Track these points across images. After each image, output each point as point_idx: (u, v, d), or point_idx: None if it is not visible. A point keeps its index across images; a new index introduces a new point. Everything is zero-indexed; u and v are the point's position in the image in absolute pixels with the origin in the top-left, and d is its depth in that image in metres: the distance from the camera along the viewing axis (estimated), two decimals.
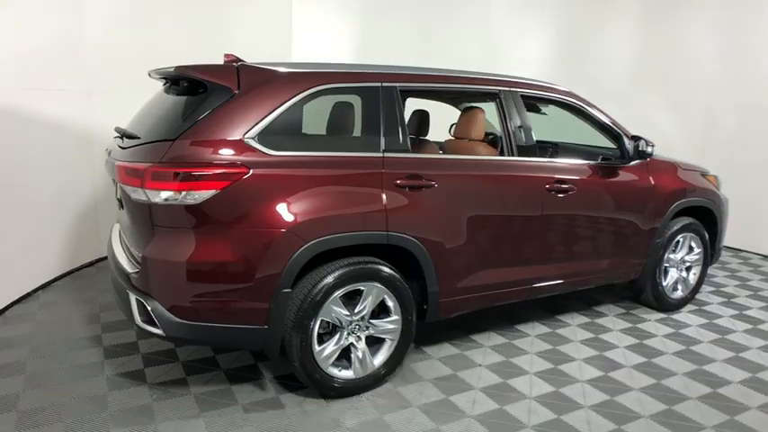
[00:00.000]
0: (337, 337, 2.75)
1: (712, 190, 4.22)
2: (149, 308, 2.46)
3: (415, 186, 2.83)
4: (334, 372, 2.75)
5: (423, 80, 3.09)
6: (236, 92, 2.53)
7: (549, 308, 4.10)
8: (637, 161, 3.77)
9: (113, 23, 4.46)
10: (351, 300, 2.76)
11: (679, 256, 4.14)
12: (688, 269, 4.25)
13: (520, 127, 3.29)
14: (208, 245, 2.43)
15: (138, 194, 2.43)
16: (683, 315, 4.12)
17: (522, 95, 3.38)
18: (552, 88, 3.58)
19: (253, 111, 2.52)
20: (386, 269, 2.78)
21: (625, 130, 3.78)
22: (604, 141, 3.88)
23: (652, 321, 3.97)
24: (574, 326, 3.84)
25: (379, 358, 2.88)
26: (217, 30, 5.13)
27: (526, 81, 3.47)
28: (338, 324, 2.73)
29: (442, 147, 3.86)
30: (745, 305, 4.38)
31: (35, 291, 4.06)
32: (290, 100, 2.61)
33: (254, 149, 2.48)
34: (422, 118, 3.99)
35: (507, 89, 3.31)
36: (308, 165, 2.60)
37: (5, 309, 3.75)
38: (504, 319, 3.88)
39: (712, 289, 4.75)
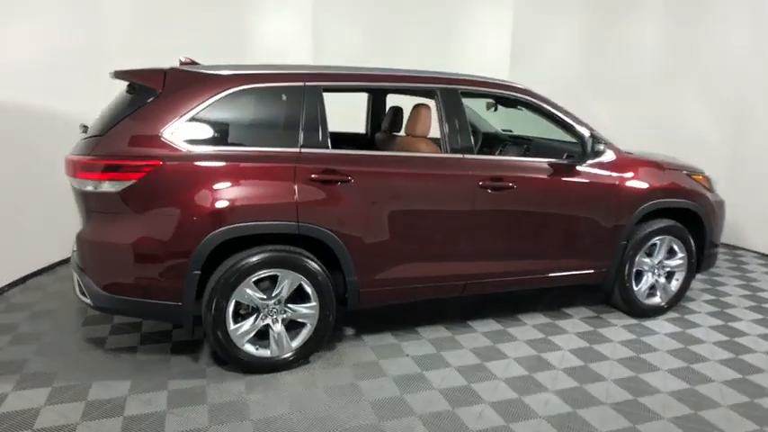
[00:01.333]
0: (253, 318, 2.99)
1: (698, 191, 3.96)
2: (81, 282, 2.85)
3: (330, 181, 3.00)
4: (251, 349, 3.00)
5: (349, 79, 3.24)
6: (160, 92, 2.84)
7: (514, 306, 4.08)
8: (598, 159, 3.66)
9: (132, 27, 4.93)
10: (274, 284, 2.98)
11: (656, 260, 3.93)
12: (670, 275, 4.03)
13: (456, 124, 3.34)
14: (127, 229, 2.76)
15: (74, 183, 2.82)
16: (656, 322, 3.92)
17: (463, 92, 3.41)
18: (502, 85, 3.57)
19: (172, 109, 2.82)
20: (300, 257, 2.97)
21: (585, 128, 3.66)
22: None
23: (618, 327, 3.83)
24: (529, 325, 3.80)
25: (298, 341, 3.09)
26: (235, 32, 5.52)
27: (469, 78, 3.50)
28: (254, 306, 2.97)
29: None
30: (736, 316, 4.07)
31: (55, 265, 4.69)
32: (208, 99, 2.87)
33: (169, 145, 2.77)
34: (395, 114, 4.11)
35: (445, 86, 3.36)
36: (222, 159, 2.85)
37: (26, 278, 4.38)
38: (467, 312, 3.93)
39: (711, 297, 4.45)
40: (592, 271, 3.76)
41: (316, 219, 2.96)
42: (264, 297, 2.98)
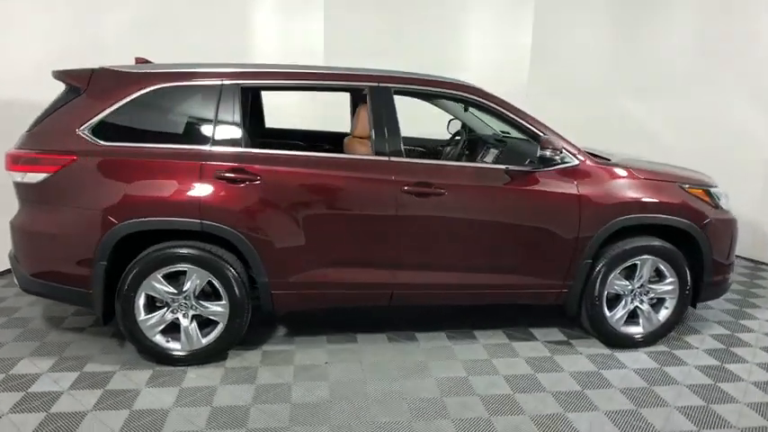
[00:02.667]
0: (163, 311, 3.06)
1: (692, 206, 3.38)
2: (12, 265, 3.10)
3: (237, 180, 2.97)
4: (160, 341, 3.08)
5: (269, 77, 3.19)
6: (84, 91, 3.00)
7: (474, 319, 3.77)
8: (558, 166, 3.26)
9: (135, 26, 5.12)
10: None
11: (637, 283, 3.42)
12: (659, 301, 3.49)
13: (385, 125, 3.15)
14: (44, 218, 2.95)
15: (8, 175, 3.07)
16: (632, 355, 3.41)
17: (397, 91, 3.22)
18: (446, 83, 3.31)
19: (91, 107, 2.96)
20: (208, 255, 2.98)
21: (540, 131, 3.28)
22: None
23: (581, 356, 3.39)
24: (480, 344, 3.50)
25: (209, 338, 3.11)
26: (236, 32, 5.70)
27: (406, 76, 3.29)
28: (163, 300, 3.04)
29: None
30: (742, 357, 3.42)
31: None
32: (126, 98, 2.97)
33: (85, 140, 2.92)
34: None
35: (376, 84, 3.19)
36: (132, 155, 2.94)
37: None
38: (408, 322, 3.73)
39: (724, 331, 3.78)
40: (547, 290, 3.36)
41: (220, 217, 2.95)
42: (174, 292, 3.04)
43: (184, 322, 3.07)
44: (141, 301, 3.00)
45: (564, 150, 3.25)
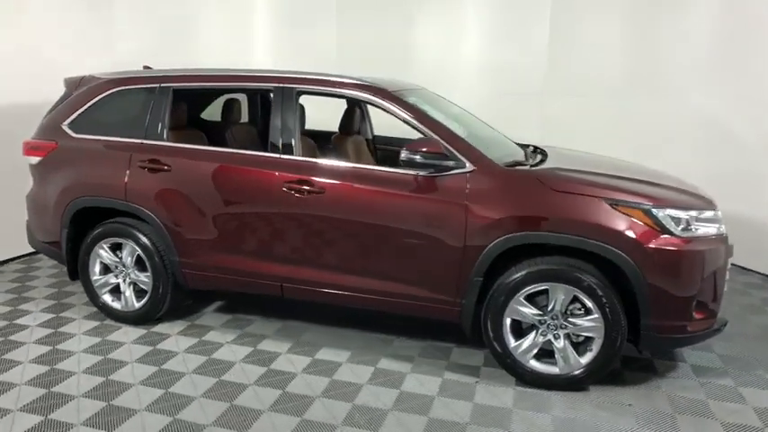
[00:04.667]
0: (109, 275, 3.69)
1: (618, 229, 2.74)
2: (27, 228, 4.06)
3: (153, 169, 3.44)
4: (107, 299, 3.71)
5: (191, 80, 3.60)
6: (71, 94, 3.79)
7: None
8: (452, 171, 2.97)
9: (143, 26, 5.61)
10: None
11: (549, 314, 2.90)
12: (587, 340, 2.92)
13: (281, 123, 3.28)
14: (39, 192, 3.80)
15: None
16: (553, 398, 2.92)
17: (301, 92, 3.34)
18: (350, 84, 3.29)
19: (72, 106, 3.73)
20: (132, 230, 3.52)
21: (439, 134, 3.05)
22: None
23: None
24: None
25: (142, 301, 3.64)
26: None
27: (312, 78, 3.39)
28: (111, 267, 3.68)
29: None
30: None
31: None
32: (95, 98, 3.67)
33: (64, 132, 3.70)
34: (350, 114, 4.21)
35: (281, 86, 3.34)
36: (91, 144, 3.62)
37: None
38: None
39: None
40: (438, 305, 3.08)
41: (138, 200, 3.46)
42: (117, 260, 3.65)
43: (123, 288, 3.66)
44: (97, 266, 3.67)
45: (454, 155, 2.96)
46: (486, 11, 6.07)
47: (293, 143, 3.27)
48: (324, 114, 4.57)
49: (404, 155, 2.92)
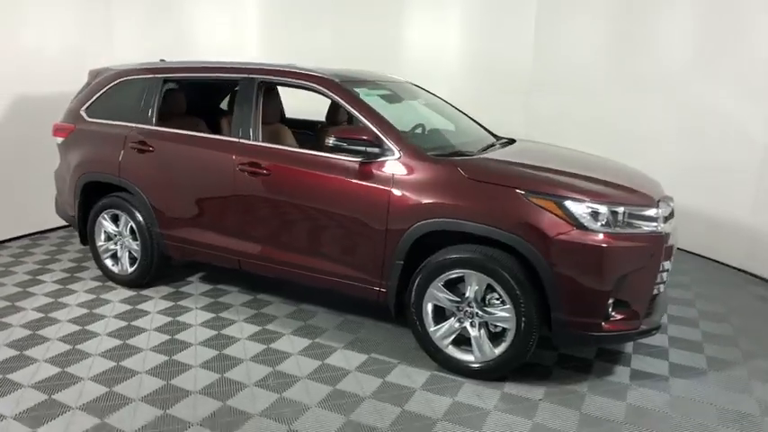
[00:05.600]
0: (111, 242, 4.21)
1: (526, 221, 2.72)
2: (55, 200, 4.69)
3: (141, 150, 3.88)
4: (108, 263, 4.24)
5: (173, 72, 4.01)
6: (90, 83, 4.35)
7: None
8: (381, 158, 3.10)
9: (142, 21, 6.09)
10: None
11: (465, 301, 2.94)
12: (504, 331, 2.92)
13: (243, 110, 3.58)
14: (62, 168, 4.41)
15: None
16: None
17: (262, 82, 3.60)
18: (305, 75, 3.50)
19: (89, 94, 4.28)
20: (122, 201, 3.99)
21: (373, 124, 3.18)
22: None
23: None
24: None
25: (133, 267, 4.12)
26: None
27: (267, 68, 3.64)
28: (111, 235, 4.19)
29: None
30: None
31: None
32: (107, 86, 4.20)
33: (81, 117, 4.26)
34: (334, 108, 4.44)
35: (245, 76, 3.63)
36: (98, 127, 4.14)
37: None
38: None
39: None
40: (365, 285, 3.22)
41: (129, 176, 3.92)
42: (117, 230, 4.16)
43: (120, 253, 4.17)
44: (102, 234, 4.20)
45: (384, 143, 3.09)
46: (474, 10, 6.23)
47: (251, 129, 3.55)
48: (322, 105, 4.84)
49: (330, 141, 3.08)
